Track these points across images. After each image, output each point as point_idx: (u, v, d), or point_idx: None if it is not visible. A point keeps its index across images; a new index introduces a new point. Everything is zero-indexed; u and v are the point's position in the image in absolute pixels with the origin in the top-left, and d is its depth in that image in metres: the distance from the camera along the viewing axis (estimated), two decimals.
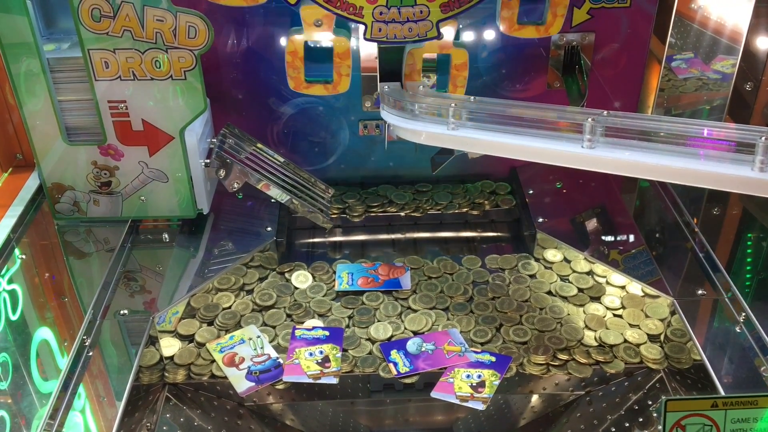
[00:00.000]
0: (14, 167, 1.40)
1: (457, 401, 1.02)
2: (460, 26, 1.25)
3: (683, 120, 0.94)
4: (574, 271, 1.26)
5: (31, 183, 1.34)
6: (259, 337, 1.13)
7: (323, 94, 1.27)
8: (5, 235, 1.21)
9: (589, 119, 0.93)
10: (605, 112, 0.96)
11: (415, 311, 1.19)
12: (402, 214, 1.39)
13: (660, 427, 0.76)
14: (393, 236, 1.38)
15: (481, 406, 1.01)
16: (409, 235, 1.38)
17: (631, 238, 1.28)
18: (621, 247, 1.26)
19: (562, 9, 1.22)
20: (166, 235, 1.28)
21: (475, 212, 1.39)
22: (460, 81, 1.25)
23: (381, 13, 1.14)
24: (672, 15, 1.29)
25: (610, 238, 1.29)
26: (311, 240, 1.38)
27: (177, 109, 1.15)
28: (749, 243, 1.24)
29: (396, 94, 1.13)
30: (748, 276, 1.15)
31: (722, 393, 0.95)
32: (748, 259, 1.20)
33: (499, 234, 1.40)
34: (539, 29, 1.24)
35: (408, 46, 1.20)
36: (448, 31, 1.19)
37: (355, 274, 1.26)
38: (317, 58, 1.24)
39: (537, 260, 1.30)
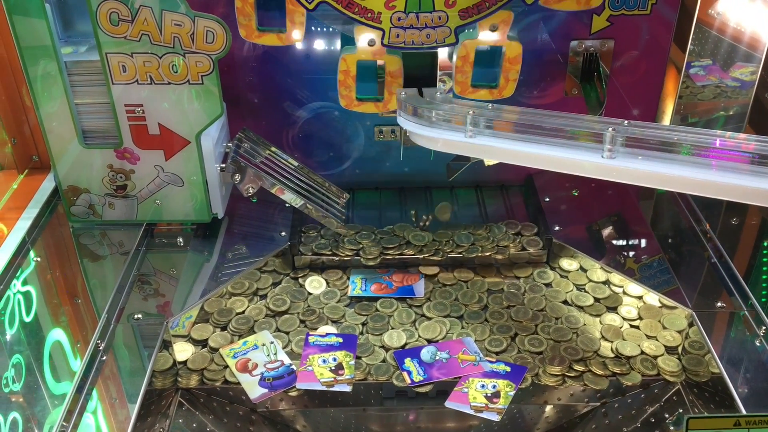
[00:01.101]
0: (30, 169, 1.40)
1: (471, 411, 1.02)
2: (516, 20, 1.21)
3: (704, 131, 0.93)
4: (590, 281, 1.25)
5: (47, 185, 1.34)
6: (272, 343, 1.13)
7: (374, 112, 1.26)
8: (20, 237, 1.21)
9: (610, 129, 0.92)
10: (626, 122, 0.95)
11: (429, 319, 1.18)
12: (420, 257, 1.28)
13: None
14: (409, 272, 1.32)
15: (495, 417, 1.01)
16: (427, 271, 1.30)
17: (648, 246, 1.27)
18: (638, 256, 1.25)
19: (514, 74, 1.21)
20: (180, 239, 1.28)
21: (499, 257, 1.28)
22: (513, 75, 1.22)
23: (399, 19, 1.14)
24: (693, 22, 1.28)
25: (626, 247, 1.28)
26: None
27: (193, 114, 1.15)
28: None
29: (413, 100, 1.12)
30: (766, 286, 1.14)
31: (741, 407, 0.94)
32: (766, 269, 1.18)
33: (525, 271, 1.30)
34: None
35: (462, 37, 1.18)
36: (503, 26, 1.18)
37: (368, 280, 1.26)
38: (367, 76, 1.24)
39: (553, 269, 1.29)
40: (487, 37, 1.19)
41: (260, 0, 1.16)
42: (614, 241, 1.30)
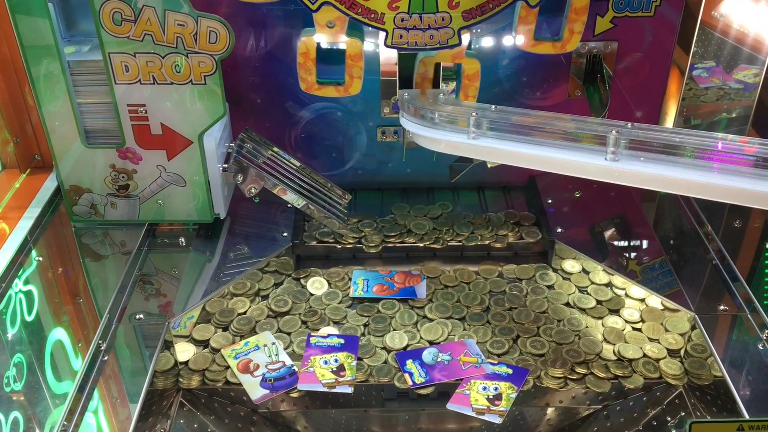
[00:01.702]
0: (32, 168, 1.40)
1: (473, 414, 1.01)
2: (474, 34, 1.23)
3: (708, 133, 0.93)
4: (592, 283, 1.25)
5: (49, 185, 1.34)
6: (274, 344, 1.13)
7: (334, 96, 1.25)
8: (22, 236, 1.21)
9: (614, 131, 0.92)
10: (629, 124, 0.95)
11: (431, 320, 1.18)
12: (421, 245, 1.31)
13: None
14: (411, 268, 1.34)
15: (497, 420, 1.00)
16: (427, 264, 1.32)
17: (651, 249, 1.27)
18: (640, 258, 1.25)
19: (580, 26, 1.19)
20: (182, 239, 1.28)
21: (498, 245, 1.31)
22: (472, 91, 1.23)
23: (402, 20, 1.14)
24: (696, 24, 1.27)
25: (629, 249, 1.28)
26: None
27: (196, 114, 1.15)
28: None
29: (416, 101, 1.12)
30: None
31: (743, 411, 0.94)
32: None
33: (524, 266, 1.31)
34: (555, 45, 1.22)
35: (420, 54, 1.18)
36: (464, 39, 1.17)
37: (370, 281, 1.25)
38: (329, 59, 1.23)
39: (555, 271, 1.28)
40: None
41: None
42: (617, 243, 1.30)
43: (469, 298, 1.21)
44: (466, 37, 1.18)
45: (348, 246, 1.30)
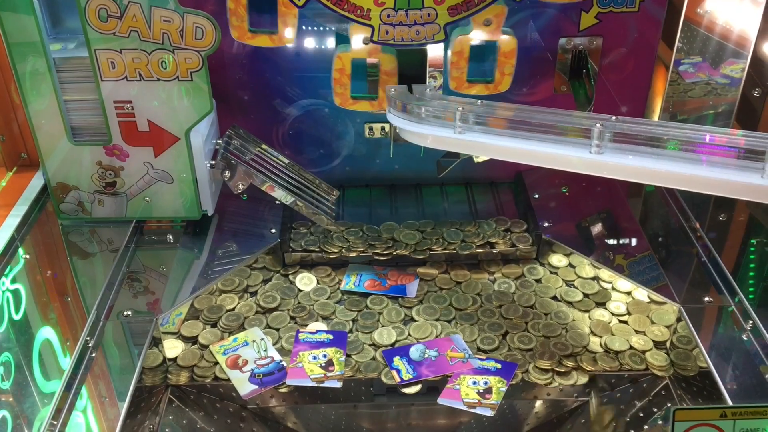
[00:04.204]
0: (19, 166, 1.40)
1: (464, 408, 1.02)
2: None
3: (692, 126, 0.94)
4: (579, 277, 1.26)
5: (36, 182, 1.34)
6: (262, 339, 1.13)
7: (369, 110, 1.27)
8: (9, 234, 1.20)
9: (598, 124, 0.93)
10: (613, 118, 0.96)
11: (416, 321, 1.17)
12: (407, 253, 1.27)
13: None
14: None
15: (489, 413, 1.01)
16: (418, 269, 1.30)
17: (637, 243, 1.28)
18: (626, 252, 1.26)
19: (510, 68, 1.22)
20: (170, 236, 1.27)
21: (492, 250, 1.29)
22: (508, 69, 1.23)
23: (388, 16, 1.14)
24: (680, 20, 1.28)
25: (615, 243, 1.29)
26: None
27: (183, 110, 1.15)
28: (756, 249, 1.23)
29: (403, 96, 1.12)
30: (753, 282, 1.15)
31: (728, 401, 0.95)
32: (753, 266, 1.19)
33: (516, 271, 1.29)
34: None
35: (455, 32, 1.19)
36: (497, 19, 1.18)
37: (363, 276, 1.26)
38: (362, 75, 1.24)
39: (542, 265, 1.29)
40: (480, 32, 1.19)
41: (253, 1, 1.16)
42: (603, 238, 1.31)
43: (461, 301, 1.20)
44: (501, 16, 1.18)
45: (332, 256, 1.28)
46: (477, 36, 1.19)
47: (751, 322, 1.05)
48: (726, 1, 1.30)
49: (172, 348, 1.12)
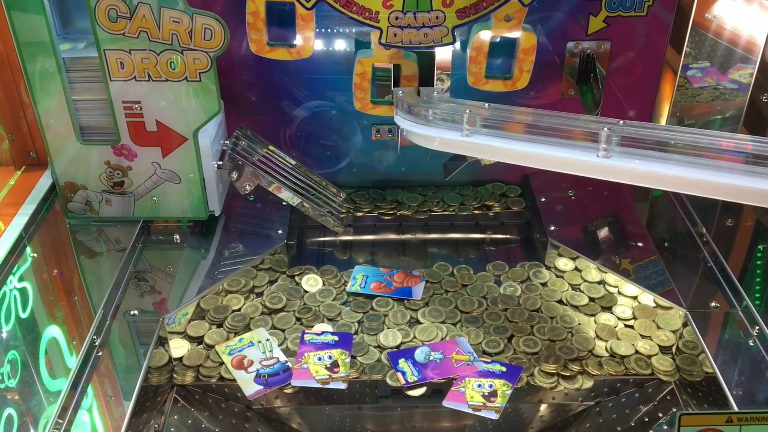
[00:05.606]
0: (27, 165, 1.40)
1: (469, 410, 1.02)
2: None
3: (699, 131, 0.94)
4: (585, 281, 1.26)
5: (44, 182, 1.34)
6: (268, 340, 1.13)
7: (388, 115, 1.26)
8: (17, 233, 1.21)
9: (605, 128, 0.93)
10: (621, 122, 0.96)
11: (422, 323, 1.17)
12: (410, 213, 1.39)
13: None
14: (403, 237, 1.38)
15: (494, 416, 1.01)
16: (419, 236, 1.38)
17: (644, 247, 1.27)
18: (633, 257, 1.26)
19: (528, 65, 1.23)
20: (177, 236, 1.28)
21: (488, 213, 1.40)
22: (527, 65, 1.23)
23: (397, 18, 1.14)
24: (689, 24, 1.28)
25: (622, 248, 1.29)
26: (322, 239, 1.39)
27: (191, 111, 1.15)
28: (763, 254, 1.23)
29: (410, 99, 1.13)
30: (759, 288, 1.14)
31: (734, 406, 0.94)
32: (760, 271, 1.19)
33: (509, 236, 1.40)
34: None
35: (475, 27, 1.19)
36: (518, 16, 1.18)
37: (369, 278, 1.26)
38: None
39: (548, 268, 1.29)
40: (501, 28, 1.20)
41: (271, 15, 1.17)
42: (610, 242, 1.31)
43: (467, 304, 1.20)
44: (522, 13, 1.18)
45: (342, 215, 1.34)
46: (497, 32, 1.20)
47: (757, 327, 1.05)
48: (734, 6, 1.30)
49: (178, 348, 1.12)
